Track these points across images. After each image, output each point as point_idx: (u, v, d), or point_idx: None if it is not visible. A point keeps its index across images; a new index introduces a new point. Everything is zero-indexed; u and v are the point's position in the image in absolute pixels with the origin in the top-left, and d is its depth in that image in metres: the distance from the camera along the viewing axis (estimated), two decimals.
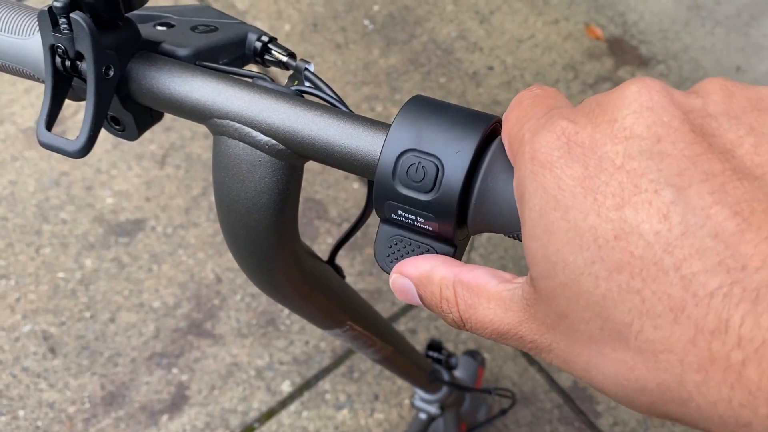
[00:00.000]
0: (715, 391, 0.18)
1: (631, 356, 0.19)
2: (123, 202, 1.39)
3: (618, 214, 0.19)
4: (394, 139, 0.26)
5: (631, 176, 0.19)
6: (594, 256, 0.19)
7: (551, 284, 0.21)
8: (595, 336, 0.20)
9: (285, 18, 1.68)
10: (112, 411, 1.17)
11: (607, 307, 0.19)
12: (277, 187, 0.32)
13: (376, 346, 0.56)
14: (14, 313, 1.26)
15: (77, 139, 0.32)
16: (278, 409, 1.18)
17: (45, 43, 0.31)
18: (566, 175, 0.20)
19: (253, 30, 0.37)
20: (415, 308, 1.28)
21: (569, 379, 1.21)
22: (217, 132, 0.32)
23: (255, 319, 1.26)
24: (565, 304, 0.20)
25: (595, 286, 0.19)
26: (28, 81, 1.55)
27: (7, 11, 0.36)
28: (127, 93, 0.33)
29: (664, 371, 0.18)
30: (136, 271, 1.31)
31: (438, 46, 1.64)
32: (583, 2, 1.74)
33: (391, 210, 0.27)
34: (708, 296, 0.17)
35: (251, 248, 0.35)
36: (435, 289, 0.26)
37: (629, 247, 0.19)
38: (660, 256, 0.18)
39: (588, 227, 0.19)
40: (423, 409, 0.92)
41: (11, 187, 1.40)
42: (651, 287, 0.18)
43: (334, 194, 1.40)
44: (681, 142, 0.19)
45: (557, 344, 0.22)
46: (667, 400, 0.19)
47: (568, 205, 0.20)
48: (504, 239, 1.35)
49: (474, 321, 0.25)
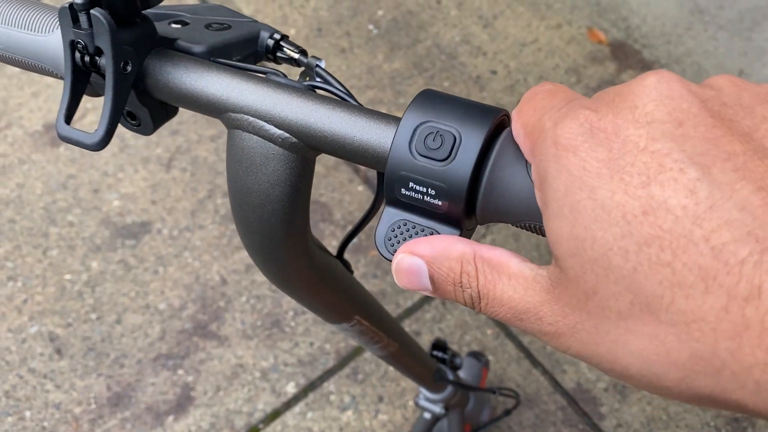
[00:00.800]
0: (750, 356, 0.18)
1: (663, 329, 0.20)
2: (129, 204, 1.40)
3: (645, 191, 0.20)
4: (413, 112, 0.27)
5: (656, 156, 0.20)
6: (623, 231, 0.20)
7: (579, 261, 0.21)
8: (625, 312, 0.20)
9: (290, 23, 1.70)
10: (118, 412, 1.18)
11: (638, 281, 0.20)
12: (289, 180, 0.33)
13: (382, 342, 0.57)
14: (21, 315, 1.27)
15: (95, 133, 0.33)
16: (283, 410, 1.19)
17: (65, 38, 0.32)
18: (591, 158, 0.21)
19: (265, 28, 0.38)
20: (419, 310, 1.28)
21: (573, 380, 1.22)
22: (232, 126, 0.33)
23: (260, 321, 1.27)
24: (594, 280, 0.21)
25: (625, 260, 0.20)
26: (36, 85, 1.56)
27: (27, 9, 0.37)
28: (144, 88, 0.34)
29: (697, 341, 0.19)
30: (142, 273, 1.32)
31: (442, 51, 1.65)
32: (585, 6, 1.75)
33: (402, 183, 0.27)
34: (739, 264, 0.18)
35: (263, 240, 0.36)
36: (454, 264, 0.25)
37: (658, 221, 0.19)
38: (689, 229, 0.19)
39: (616, 204, 0.20)
40: (427, 409, 0.93)
41: (19, 190, 1.41)
42: (681, 259, 0.19)
43: (339, 197, 1.41)
44: (701, 126, 0.20)
45: (582, 325, 0.22)
46: (699, 371, 0.19)
47: (594, 185, 0.21)
48: (507, 242, 1.36)
49: (492, 297, 0.24)
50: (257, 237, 0.36)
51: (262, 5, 1.74)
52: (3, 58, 0.38)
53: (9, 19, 0.36)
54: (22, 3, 0.37)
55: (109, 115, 0.33)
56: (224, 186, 1.42)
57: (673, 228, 0.19)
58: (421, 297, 1.30)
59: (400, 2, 1.75)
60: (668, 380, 0.20)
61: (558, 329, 0.23)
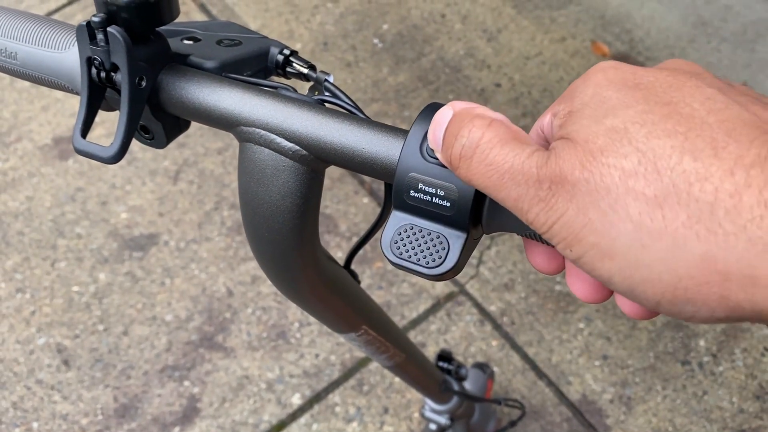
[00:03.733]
0: (747, 212, 0.19)
1: (664, 188, 0.21)
2: (137, 217, 1.41)
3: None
4: (424, 118, 0.28)
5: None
6: (645, 109, 0.22)
7: (593, 128, 0.23)
8: (630, 170, 0.21)
9: (296, 37, 1.72)
10: (125, 423, 1.18)
11: (650, 144, 0.21)
12: (300, 191, 0.34)
13: (389, 352, 0.58)
14: (29, 326, 1.28)
15: (111, 146, 0.34)
16: (288, 421, 1.19)
17: (82, 55, 0.33)
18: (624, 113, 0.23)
19: (275, 44, 0.39)
20: (424, 322, 1.29)
21: (578, 392, 1.22)
22: (243, 139, 0.34)
23: (266, 333, 1.27)
24: (605, 142, 0.22)
25: (641, 128, 0.22)
26: (45, 99, 1.58)
27: (44, 27, 0.38)
28: (158, 103, 0.35)
29: (697, 201, 0.20)
30: (149, 285, 1.32)
31: (446, 64, 1.67)
32: (589, 20, 1.77)
33: (411, 185, 0.28)
34: (748, 142, 0.21)
35: (274, 250, 0.37)
36: (478, 110, 0.26)
37: (678, 108, 0.22)
38: (704, 118, 0.22)
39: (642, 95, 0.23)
40: (433, 420, 0.93)
41: (28, 203, 1.43)
42: (695, 131, 0.21)
43: (344, 209, 1.42)
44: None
45: (579, 188, 0.22)
46: (695, 236, 0.20)
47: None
48: (512, 253, 1.37)
49: (485, 153, 0.24)
50: (268, 247, 0.37)
51: (268, 20, 1.76)
52: (20, 74, 0.39)
53: (26, 36, 0.38)
54: (39, 21, 0.38)
55: (125, 129, 0.34)
56: (231, 198, 1.44)
57: (692, 114, 0.22)
58: (426, 308, 1.30)
59: (405, 16, 1.76)
60: (656, 253, 0.21)
61: (552, 193, 0.23)
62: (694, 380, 1.23)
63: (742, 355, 1.25)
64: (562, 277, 1.35)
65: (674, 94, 0.23)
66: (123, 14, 0.32)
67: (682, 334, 1.27)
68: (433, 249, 0.28)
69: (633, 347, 1.26)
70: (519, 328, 1.28)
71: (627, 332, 1.27)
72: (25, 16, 0.38)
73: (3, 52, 0.38)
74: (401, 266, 0.29)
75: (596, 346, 1.26)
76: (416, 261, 0.28)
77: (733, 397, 1.21)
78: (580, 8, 1.79)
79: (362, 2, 1.79)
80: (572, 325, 1.28)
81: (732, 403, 1.20)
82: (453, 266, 0.28)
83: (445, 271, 0.28)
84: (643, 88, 0.23)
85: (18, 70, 0.38)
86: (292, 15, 1.77)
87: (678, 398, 1.21)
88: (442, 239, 0.28)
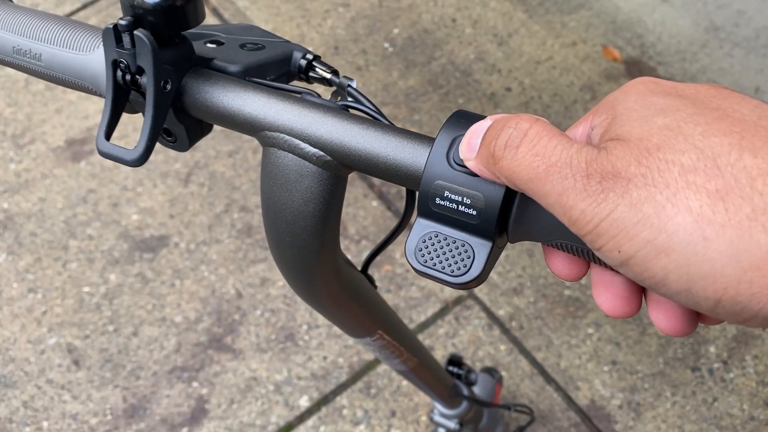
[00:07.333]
0: None
1: (725, 184, 0.21)
2: (148, 218, 1.41)
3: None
4: (451, 126, 0.28)
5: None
6: (698, 111, 0.23)
7: (647, 127, 0.23)
8: (689, 165, 0.21)
9: (307, 41, 1.72)
10: (134, 423, 1.19)
11: (707, 142, 0.22)
12: (322, 197, 0.34)
13: (402, 356, 0.58)
14: (40, 326, 1.28)
15: (135, 149, 0.34)
16: (296, 423, 1.19)
17: (108, 57, 0.34)
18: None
19: (298, 48, 0.39)
20: (432, 326, 1.29)
21: (587, 397, 1.21)
22: (267, 144, 0.34)
23: (274, 335, 1.28)
24: (660, 140, 0.22)
25: (696, 126, 0.22)
26: (59, 102, 1.59)
27: (69, 29, 0.38)
28: (182, 106, 0.35)
29: (761, 194, 0.20)
30: (159, 287, 1.33)
31: (456, 68, 1.67)
32: (600, 25, 1.76)
33: (437, 193, 0.28)
34: None
35: (295, 255, 0.37)
36: (518, 118, 0.26)
37: (731, 109, 0.23)
38: (756, 121, 0.22)
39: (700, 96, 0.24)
40: (442, 424, 0.93)
41: (41, 204, 1.43)
42: (751, 131, 0.22)
43: (353, 212, 1.42)
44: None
45: (635, 182, 0.22)
46: (757, 227, 0.20)
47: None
48: (521, 258, 1.36)
49: (533, 143, 0.24)
50: (289, 251, 0.37)
51: (280, 24, 1.76)
52: (44, 75, 0.39)
53: (51, 38, 0.38)
54: (64, 23, 0.38)
55: (149, 132, 0.34)
56: (241, 201, 1.44)
57: (743, 118, 0.22)
58: (434, 312, 1.30)
59: (415, 20, 1.77)
60: (719, 245, 0.20)
61: (602, 188, 0.22)
62: (704, 387, 1.22)
63: (753, 362, 1.24)
64: (572, 282, 1.35)
65: (721, 102, 0.23)
66: (150, 18, 0.32)
67: (692, 341, 1.27)
68: (458, 257, 0.28)
69: (642, 353, 1.25)
70: (527, 333, 1.28)
71: (636, 338, 1.27)
72: (49, 18, 0.39)
73: (27, 54, 0.38)
74: (425, 274, 0.29)
75: (605, 352, 1.26)
76: (441, 269, 0.28)
77: (743, 404, 1.20)
78: (591, 13, 1.79)
79: (373, 7, 1.79)
80: (581, 330, 1.28)
81: (742, 410, 1.20)
82: (478, 275, 0.28)
83: (470, 280, 0.28)
84: (688, 97, 0.23)
85: (42, 72, 0.39)
86: (304, 19, 1.77)
87: (687, 405, 1.20)
88: (468, 247, 0.28)
